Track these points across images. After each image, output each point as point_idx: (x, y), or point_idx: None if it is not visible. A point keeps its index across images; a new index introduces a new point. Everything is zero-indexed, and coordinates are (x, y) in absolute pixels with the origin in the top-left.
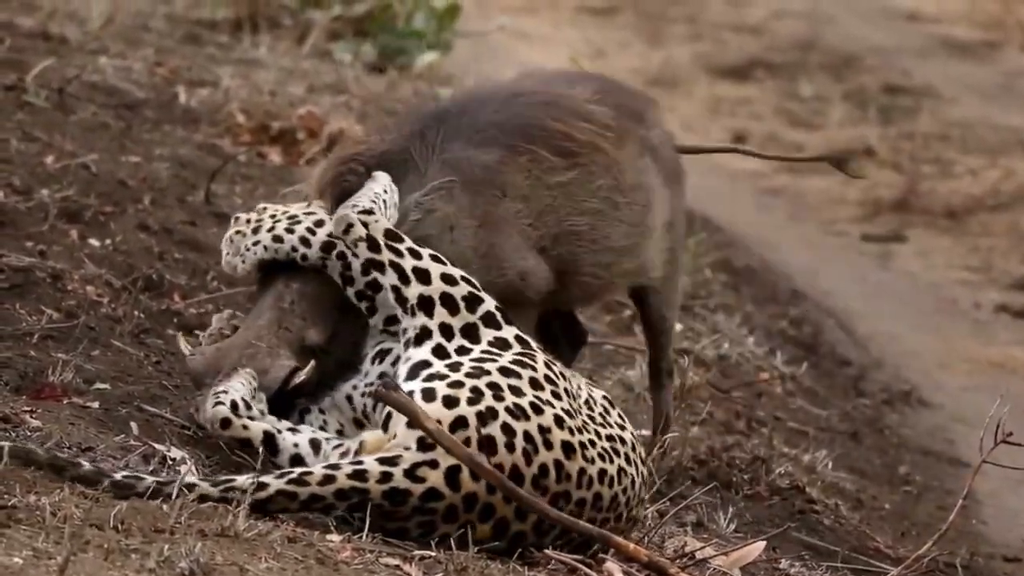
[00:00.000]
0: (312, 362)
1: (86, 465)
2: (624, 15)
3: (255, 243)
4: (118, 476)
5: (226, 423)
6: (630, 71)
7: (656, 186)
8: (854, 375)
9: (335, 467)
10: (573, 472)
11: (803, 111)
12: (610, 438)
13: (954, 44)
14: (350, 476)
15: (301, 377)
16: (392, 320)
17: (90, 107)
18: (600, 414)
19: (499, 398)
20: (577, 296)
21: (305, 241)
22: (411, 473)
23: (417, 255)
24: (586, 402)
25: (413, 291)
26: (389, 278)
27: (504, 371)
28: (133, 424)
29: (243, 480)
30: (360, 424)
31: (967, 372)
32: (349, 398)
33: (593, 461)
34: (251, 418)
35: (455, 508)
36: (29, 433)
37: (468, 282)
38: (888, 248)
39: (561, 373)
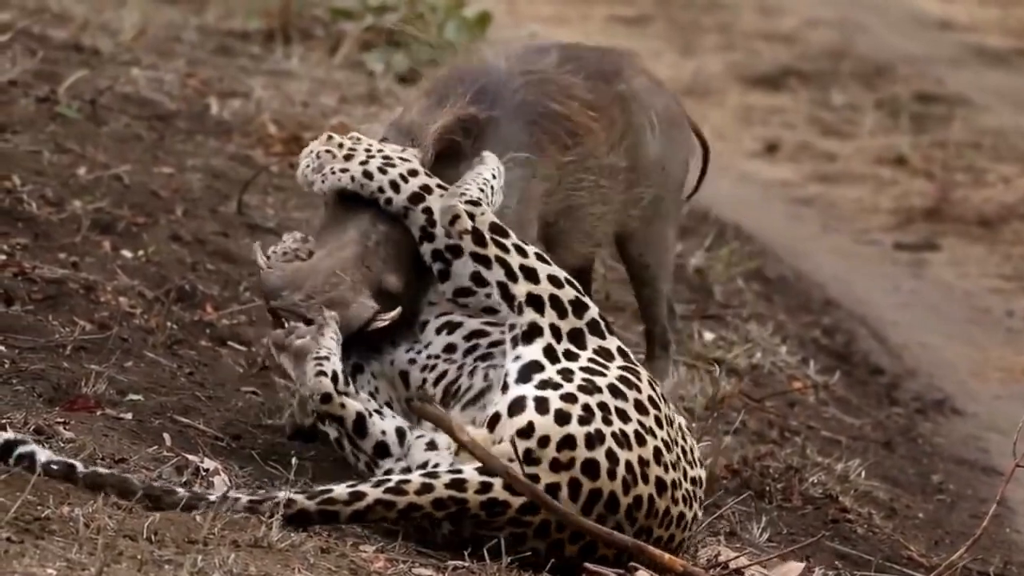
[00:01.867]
0: (398, 309)
1: (180, 491)
2: (656, 24)
3: (343, 170)
4: (212, 497)
5: (327, 398)
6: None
7: (640, 139)
8: (887, 384)
9: (433, 475)
10: (660, 510)
11: (835, 120)
12: (693, 480)
13: (987, 52)
14: (448, 485)
15: (384, 322)
16: (463, 292)
17: (122, 118)
18: (690, 448)
19: (607, 421)
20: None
21: (395, 186)
22: (511, 487)
23: (523, 252)
24: (680, 429)
25: (521, 288)
26: (495, 274)
27: (613, 391)
28: (166, 435)
29: (340, 490)
30: (410, 405)
31: (1000, 380)
32: (404, 375)
33: (677, 503)
34: (347, 394)
35: (548, 525)
36: (63, 445)
37: (573, 286)
38: (921, 257)
39: (661, 395)
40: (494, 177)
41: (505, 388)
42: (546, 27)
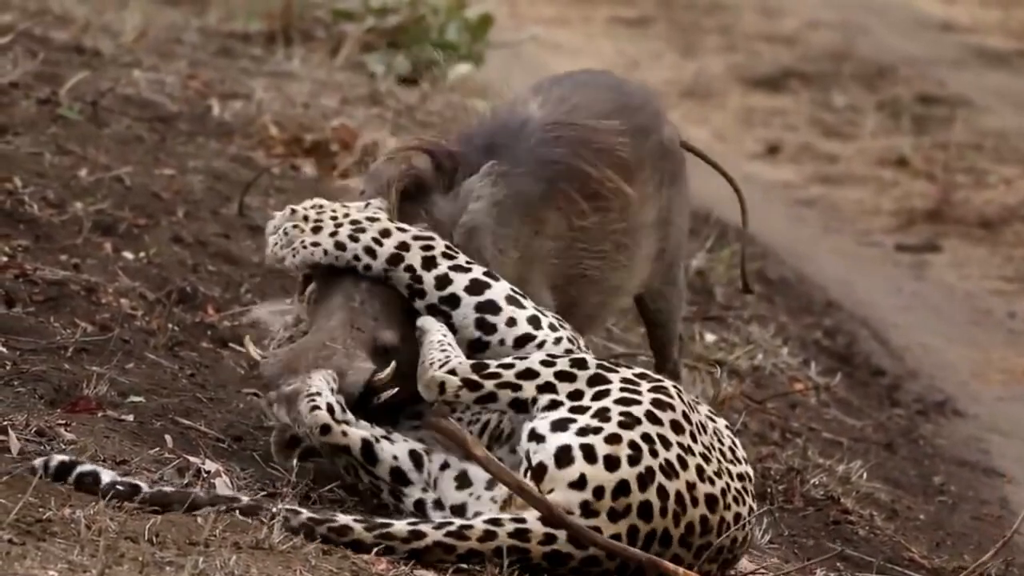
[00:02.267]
0: (393, 364)
1: (244, 499)
2: (657, 26)
3: (314, 243)
4: (274, 509)
5: (326, 429)
6: (663, 82)
7: (673, 192)
8: (888, 385)
9: (496, 523)
10: (715, 523)
11: (837, 121)
12: (740, 477)
13: (988, 54)
14: (512, 535)
15: (381, 379)
16: (476, 345)
17: (124, 120)
18: (729, 448)
19: (654, 453)
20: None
21: (370, 251)
22: (575, 539)
23: (510, 365)
24: (714, 432)
25: (528, 391)
26: (502, 401)
27: (651, 418)
28: (168, 437)
29: (400, 526)
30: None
31: (1002, 382)
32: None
33: (730, 507)
34: (347, 423)
35: (610, 574)
36: (64, 446)
37: (562, 342)
38: (922, 258)
39: (690, 403)
40: (444, 335)
41: (540, 438)
42: (548, 29)
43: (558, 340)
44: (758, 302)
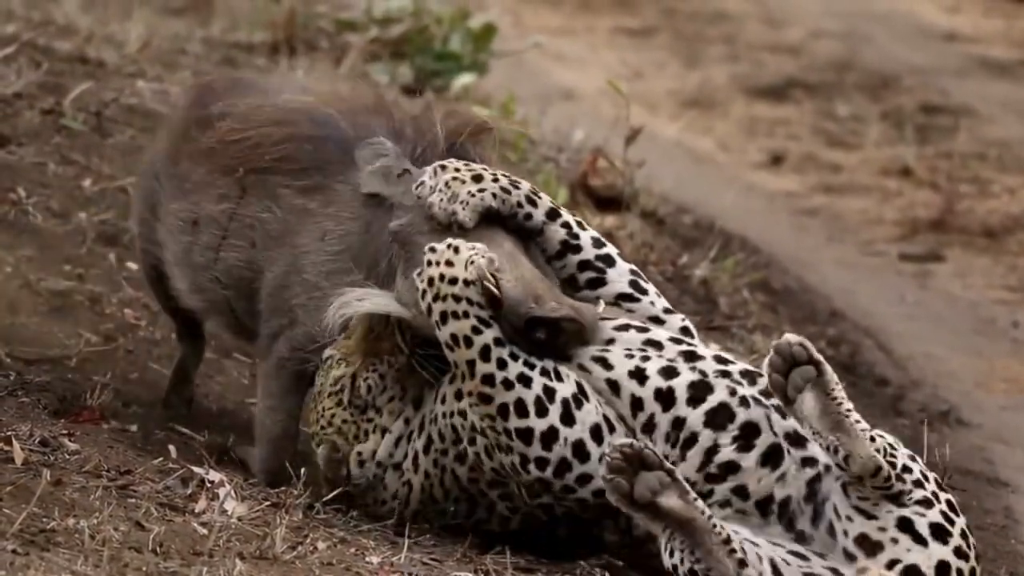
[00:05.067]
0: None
1: None
2: (661, 36)
3: (480, 190)
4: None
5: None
6: (667, 92)
7: None
8: (892, 395)
9: None
10: None
11: (840, 131)
12: None
13: (992, 64)
14: None
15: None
16: (626, 298)
17: (128, 130)
18: None
19: None
20: None
21: (532, 201)
22: None
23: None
24: None
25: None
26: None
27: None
28: (171, 447)
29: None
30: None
31: (1006, 391)
32: (614, 384)
33: None
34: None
35: None
36: (68, 456)
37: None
38: (926, 268)
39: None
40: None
41: (923, 541)
42: (551, 38)
43: (683, 318)
44: (762, 311)
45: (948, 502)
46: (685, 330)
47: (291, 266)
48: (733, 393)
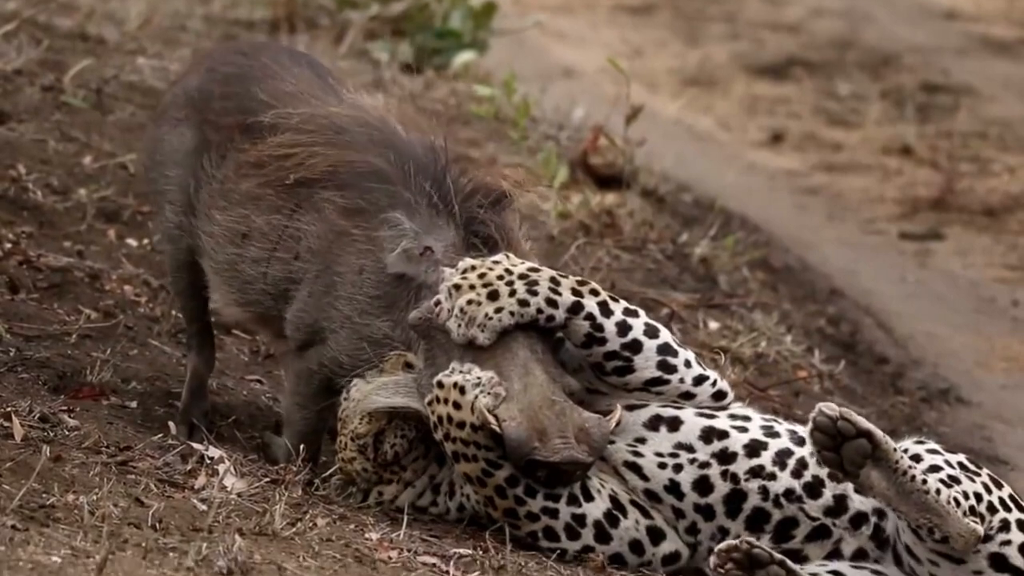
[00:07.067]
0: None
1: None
2: (661, 14)
3: (497, 311)
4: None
5: None
6: (667, 70)
7: None
8: (892, 373)
9: None
10: None
11: (841, 110)
12: None
13: (992, 42)
14: None
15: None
16: (656, 382)
17: (128, 107)
18: None
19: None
20: None
21: (551, 303)
22: None
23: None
24: None
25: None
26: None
27: None
28: (171, 424)
29: None
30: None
31: (1005, 370)
32: (633, 466)
33: None
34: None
35: None
36: (67, 432)
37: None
38: (926, 246)
39: None
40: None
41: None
42: (552, 16)
43: (714, 382)
44: (762, 290)
45: (1013, 500)
46: (717, 395)
47: (327, 288)
48: (766, 496)
